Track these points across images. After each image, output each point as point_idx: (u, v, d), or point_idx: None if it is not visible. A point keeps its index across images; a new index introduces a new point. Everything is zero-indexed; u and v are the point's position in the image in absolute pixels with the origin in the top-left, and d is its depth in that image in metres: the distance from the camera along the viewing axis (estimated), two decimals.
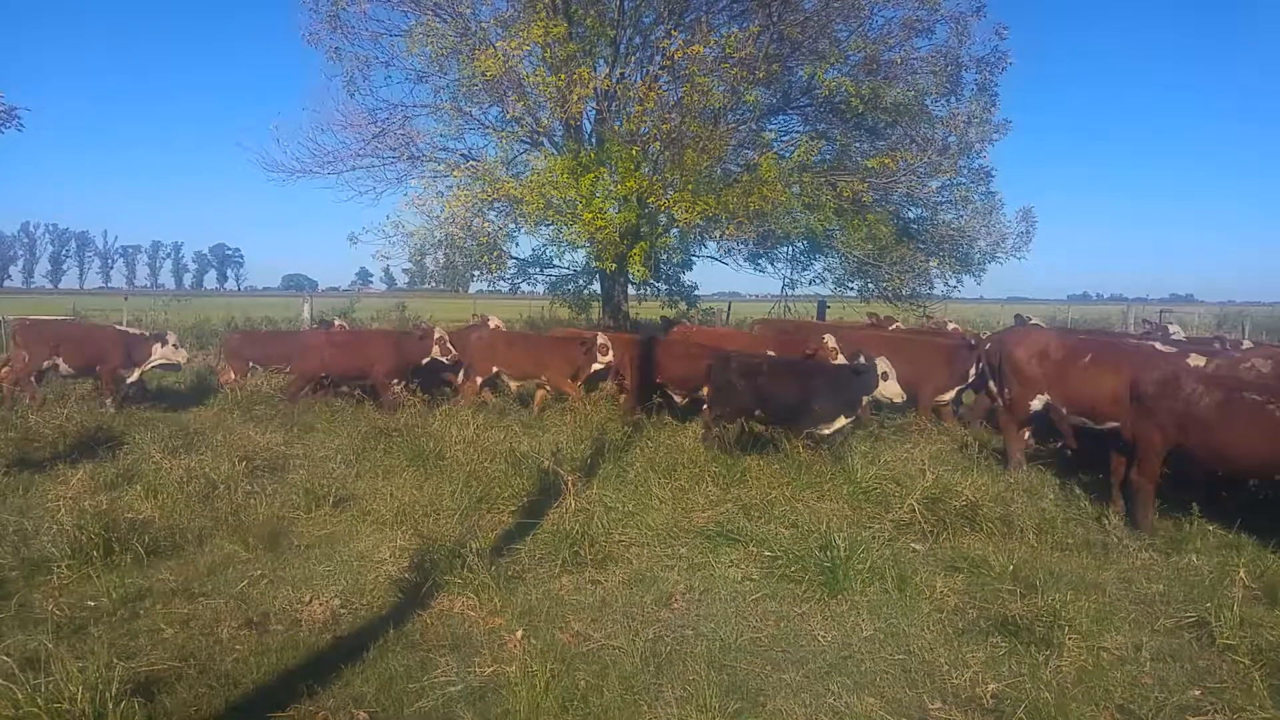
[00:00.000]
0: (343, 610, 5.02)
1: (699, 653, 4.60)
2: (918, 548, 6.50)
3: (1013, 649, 4.77)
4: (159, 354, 12.37)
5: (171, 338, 12.69)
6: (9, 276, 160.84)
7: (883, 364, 9.09)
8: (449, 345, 12.07)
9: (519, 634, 4.62)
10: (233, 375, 12.98)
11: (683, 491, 7.62)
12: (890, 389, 9.07)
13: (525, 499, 7.16)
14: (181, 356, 12.77)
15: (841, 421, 8.92)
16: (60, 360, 11.79)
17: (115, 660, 3.94)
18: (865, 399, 9.15)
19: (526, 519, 6.69)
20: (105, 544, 5.61)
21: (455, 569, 5.32)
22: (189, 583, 5.43)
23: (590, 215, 16.11)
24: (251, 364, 13.26)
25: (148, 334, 12.97)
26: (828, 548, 5.81)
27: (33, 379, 11.68)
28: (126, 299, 25.48)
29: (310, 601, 5.10)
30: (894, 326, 15.62)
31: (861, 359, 9.62)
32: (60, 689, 3.57)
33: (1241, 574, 5.39)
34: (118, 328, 14.01)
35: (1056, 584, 5.54)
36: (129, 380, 12.22)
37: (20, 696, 3.56)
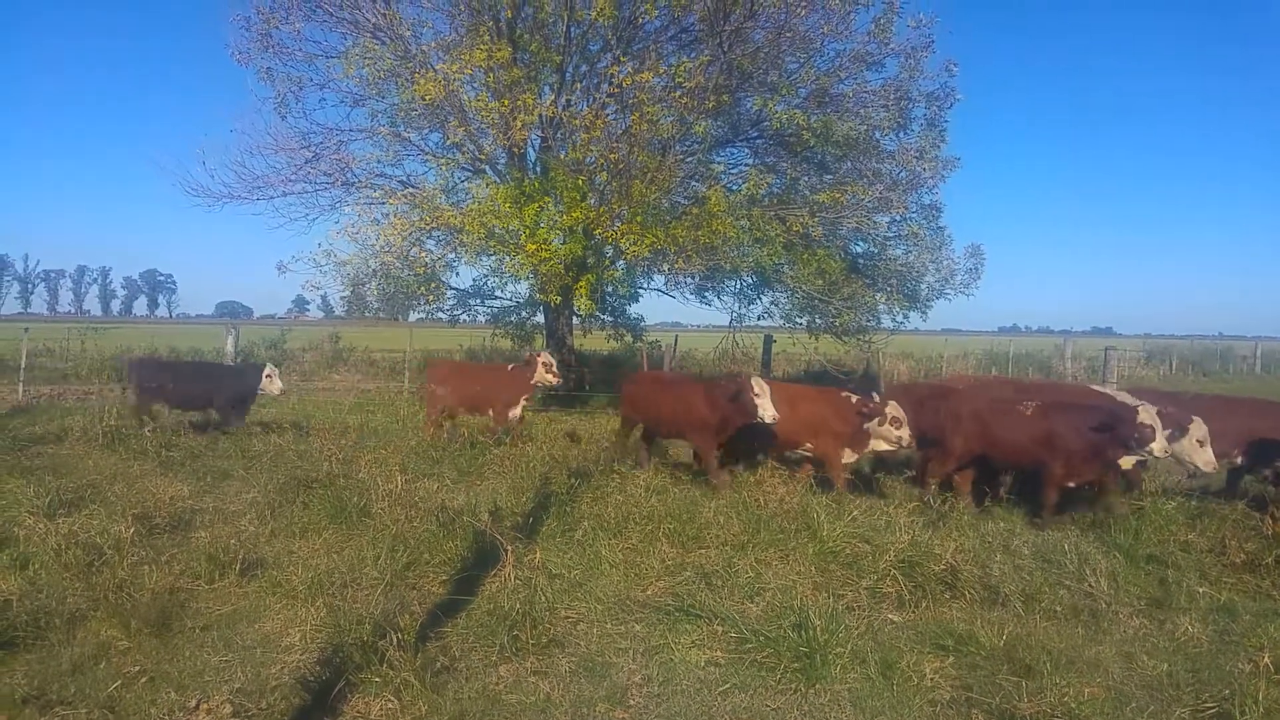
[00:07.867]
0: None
1: None
2: (895, 619, 5.89)
3: None
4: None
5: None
6: None
7: None
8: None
9: None
10: None
11: (635, 553, 6.88)
12: None
13: (459, 567, 6.33)
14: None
15: None
16: None
17: None
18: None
19: (459, 594, 5.83)
20: None
21: (373, 663, 4.48)
22: (46, 685, 4.44)
23: (534, 246, 15.41)
24: None
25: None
26: (803, 627, 5.15)
27: None
28: (26, 330, 22.93)
29: (196, 708, 4.22)
30: None
31: None
32: None
33: (1266, 660, 4.86)
34: None
35: (1056, 665, 4.96)
36: None
37: None
